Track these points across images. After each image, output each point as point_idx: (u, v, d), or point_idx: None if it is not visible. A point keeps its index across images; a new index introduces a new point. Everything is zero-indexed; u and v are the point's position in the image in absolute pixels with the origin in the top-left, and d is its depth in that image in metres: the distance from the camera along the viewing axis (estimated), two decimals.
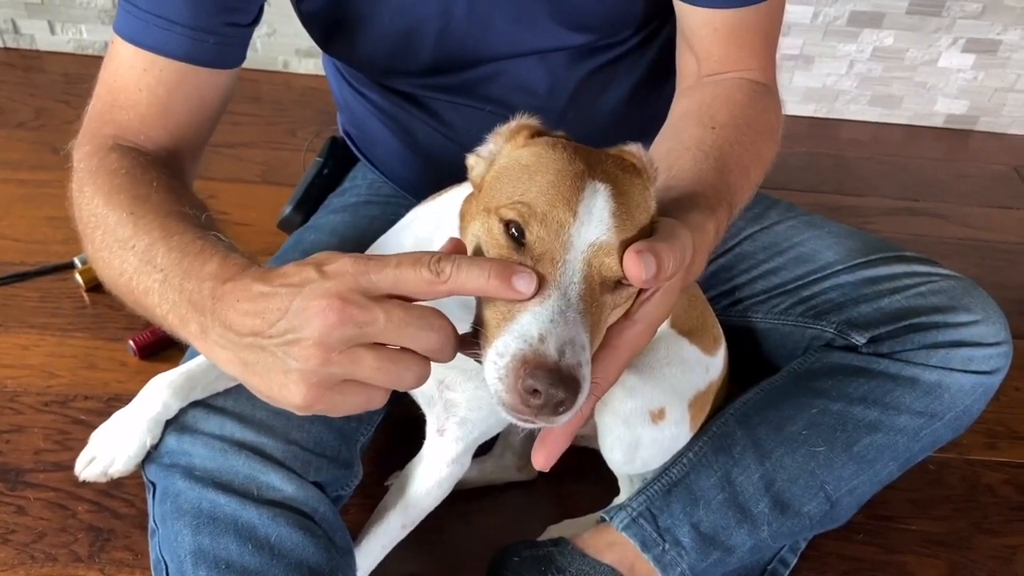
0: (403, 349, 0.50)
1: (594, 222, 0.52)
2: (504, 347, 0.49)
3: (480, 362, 0.52)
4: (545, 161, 0.55)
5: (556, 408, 0.48)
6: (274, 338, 0.50)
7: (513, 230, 0.53)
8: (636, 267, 0.51)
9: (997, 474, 1.11)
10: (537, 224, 0.52)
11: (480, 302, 0.55)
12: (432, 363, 0.76)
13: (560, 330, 0.49)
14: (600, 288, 0.53)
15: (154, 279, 0.59)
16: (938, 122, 1.83)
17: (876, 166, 1.71)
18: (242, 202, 1.40)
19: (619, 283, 0.54)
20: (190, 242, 0.59)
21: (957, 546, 1.02)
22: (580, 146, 0.57)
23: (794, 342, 0.96)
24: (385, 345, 0.50)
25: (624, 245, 0.52)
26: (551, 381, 0.48)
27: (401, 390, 0.52)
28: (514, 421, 0.51)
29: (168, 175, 0.70)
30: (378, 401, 0.52)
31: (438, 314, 0.50)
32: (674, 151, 0.71)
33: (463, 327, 0.56)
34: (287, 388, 0.50)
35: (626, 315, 0.56)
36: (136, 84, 0.73)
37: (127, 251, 0.62)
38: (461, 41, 0.84)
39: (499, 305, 0.52)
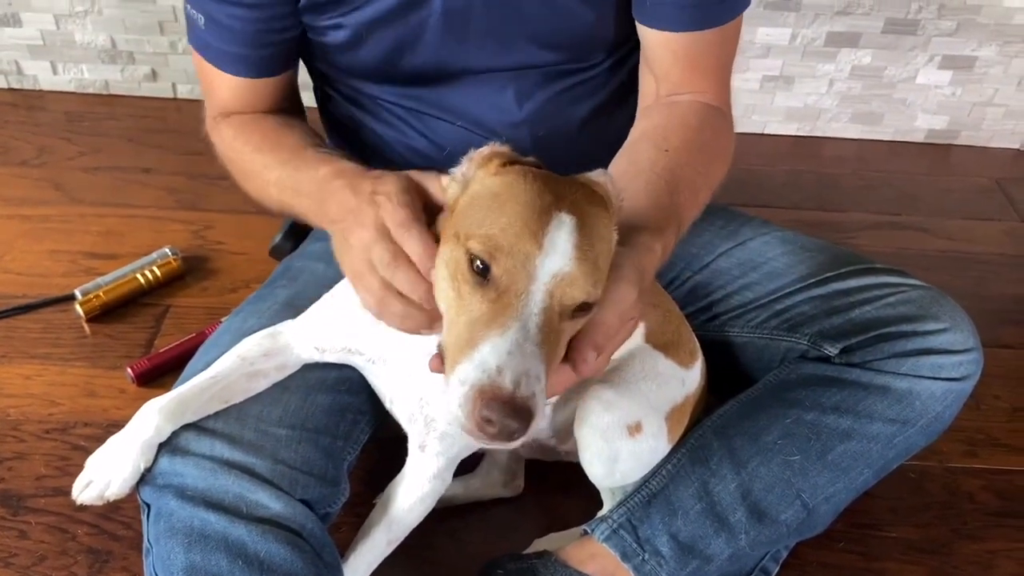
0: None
1: (558, 253, 0.55)
2: (464, 375, 0.53)
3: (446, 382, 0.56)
4: (515, 191, 0.58)
5: (510, 436, 0.53)
6: (336, 223, 0.71)
7: (478, 263, 0.56)
8: (588, 371, 0.60)
9: (977, 481, 1.13)
10: (504, 257, 0.55)
11: (444, 325, 0.58)
12: (412, 380, 0.80)
13: (516, 362, 0.52)
14: (559, 317, 0.56)
15: (292, 194, 0.83)
16: (919, 137, 1.87)
17: (859, 182, 1.74)
18: (238, 232, 1.44)
19: (578, 309, 0.57)
20: (310, 163, 0.81)
21: (938, 552, 1.04)
22: (551, 175, 0.60)
23: (770, 354, 0.99)
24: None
25: (586, 275, 0.56)
26: (505, 413, 0.52)
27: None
28: (473, 441, 0.55)
29: (274, 120, 0.93)
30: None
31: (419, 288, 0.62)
32: (629, 172, 0.76)
33: (431, 348, 0.59)
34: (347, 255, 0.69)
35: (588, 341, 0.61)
36: (220, 86, 0.93)
37: (269, 186, 0.86)
38: (436, 53, 0.88)
39: (461, 331, 0.55)
